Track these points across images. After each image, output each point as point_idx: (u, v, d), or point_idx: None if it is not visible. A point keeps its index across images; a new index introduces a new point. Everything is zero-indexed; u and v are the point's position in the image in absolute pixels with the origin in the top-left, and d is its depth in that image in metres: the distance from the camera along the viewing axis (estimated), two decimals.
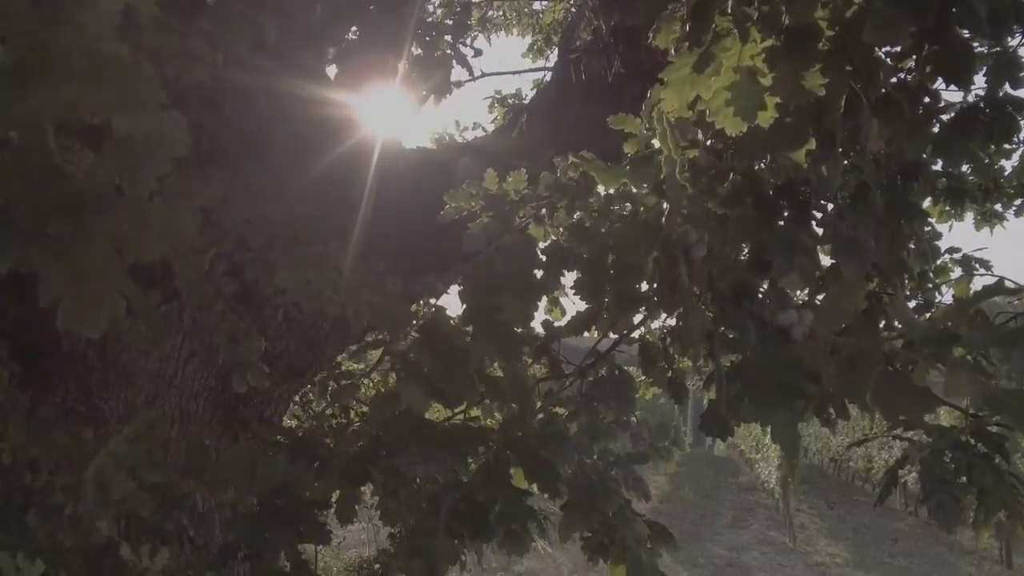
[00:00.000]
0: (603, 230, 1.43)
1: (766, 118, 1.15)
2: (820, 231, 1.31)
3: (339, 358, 4.07)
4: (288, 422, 4.64)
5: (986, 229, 4.04)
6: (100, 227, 0.68)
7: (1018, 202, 3.55)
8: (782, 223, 1.24)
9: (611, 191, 1.48)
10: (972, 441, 1.53)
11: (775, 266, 1.19)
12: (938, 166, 2.76)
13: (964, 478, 1.50)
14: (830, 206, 1.54)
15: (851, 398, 1.15)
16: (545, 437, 1.44)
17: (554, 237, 1.58)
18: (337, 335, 3.63)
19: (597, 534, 1.78)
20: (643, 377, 2.61)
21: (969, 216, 3.92)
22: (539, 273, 1.56)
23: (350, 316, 2.80)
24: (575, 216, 1.54)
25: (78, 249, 0.70)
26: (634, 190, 1.43)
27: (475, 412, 1.93)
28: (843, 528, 14.34)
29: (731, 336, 1.21)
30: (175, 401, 3.35)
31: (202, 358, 3.33)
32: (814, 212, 1.24)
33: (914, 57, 1.34)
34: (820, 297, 1.39)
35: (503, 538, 1.39)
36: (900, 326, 1.24)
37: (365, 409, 3.05)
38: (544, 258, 1.47)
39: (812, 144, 1.18)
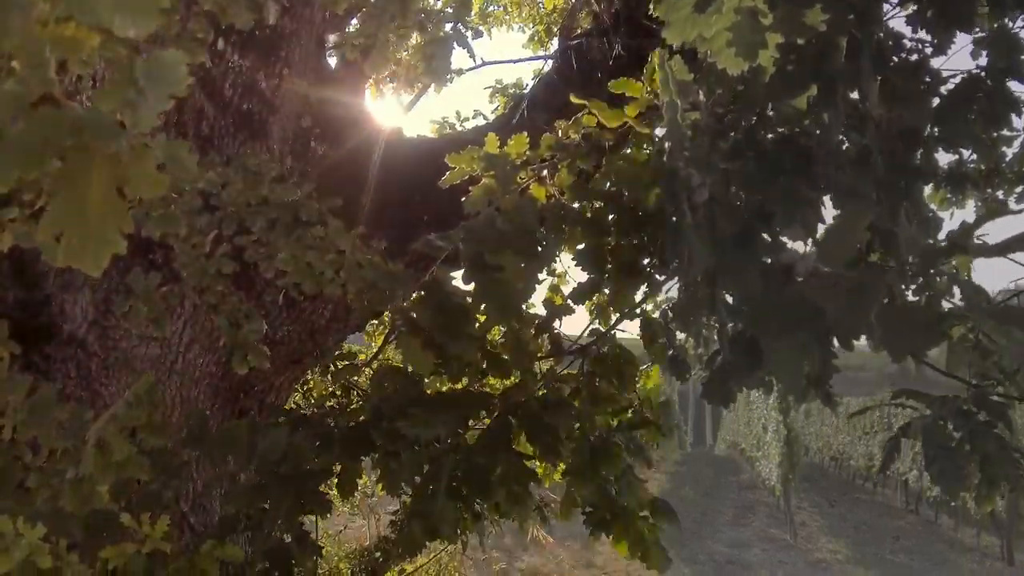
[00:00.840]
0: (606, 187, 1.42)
1: (767, 57, 1.14)
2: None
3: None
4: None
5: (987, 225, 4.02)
6: (102, 152, 0.68)
7: (1019, 189, 3.54)
8: (783, 177, 1.24)
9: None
10: (974, 409, 1.53)
11: (777, 218, 1.18)
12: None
13: (967, 447, 1.49)
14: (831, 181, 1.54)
15: (855, 330, 1.14)
16: (547, 403, 1.43)
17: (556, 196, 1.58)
18: (338, 323, 3.63)
19: (599, 509, 1.78)
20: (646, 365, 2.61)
21: (970, 204, 3.91)
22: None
23: (351, 297, 2.80)
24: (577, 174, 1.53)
25: (80, 179, 0.70)
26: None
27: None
28: (844, 526, 14.32)
29: (734, 279, 1.21)
30: (175, 388, 3.35)
31: (203, 345, 3.32)
32: (815, 168, 1.23)
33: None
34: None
35: (504, 498, 1.38)
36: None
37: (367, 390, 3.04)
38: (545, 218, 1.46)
39: (813, 90, 1.18)
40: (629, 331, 2.24)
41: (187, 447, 1.53)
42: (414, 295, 1.52)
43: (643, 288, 1.97)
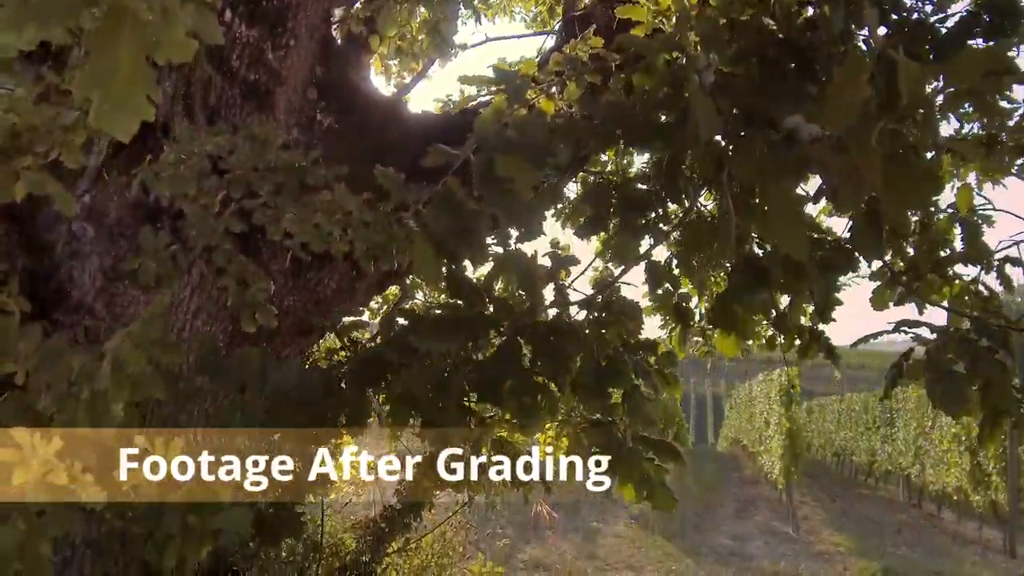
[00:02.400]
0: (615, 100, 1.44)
1: None
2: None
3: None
4: None
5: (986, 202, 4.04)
6: (135, 14, 0.70)
7: (1021, 161, 3.55)
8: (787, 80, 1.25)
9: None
10: (976, 337, 1.54)
11: (780, 109, 1.19)
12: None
13: (969, 371, 1.51)
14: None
15: (859, 187, 1.14)
16: (556, 328, 1.46)
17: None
18: (344, 294, 3.65)
19: (605, 448, 1.80)
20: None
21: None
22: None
23: (358, 254, 2.82)
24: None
25: (111, 43, 0.72)
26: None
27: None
28: (846, 520, 14.33)
29: (741, 147, 1.22)
30: (183, 356, 3.37)
31: (210, 313, 3.34)
32: (816, 67, 1.25)
33: None
34: None
35: (515, 409, 1.40)
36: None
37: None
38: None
39: None
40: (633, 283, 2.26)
41: (201, 374, 1.55)
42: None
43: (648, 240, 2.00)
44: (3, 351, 2.01)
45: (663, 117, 1.36)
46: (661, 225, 1.96)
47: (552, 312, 2.18)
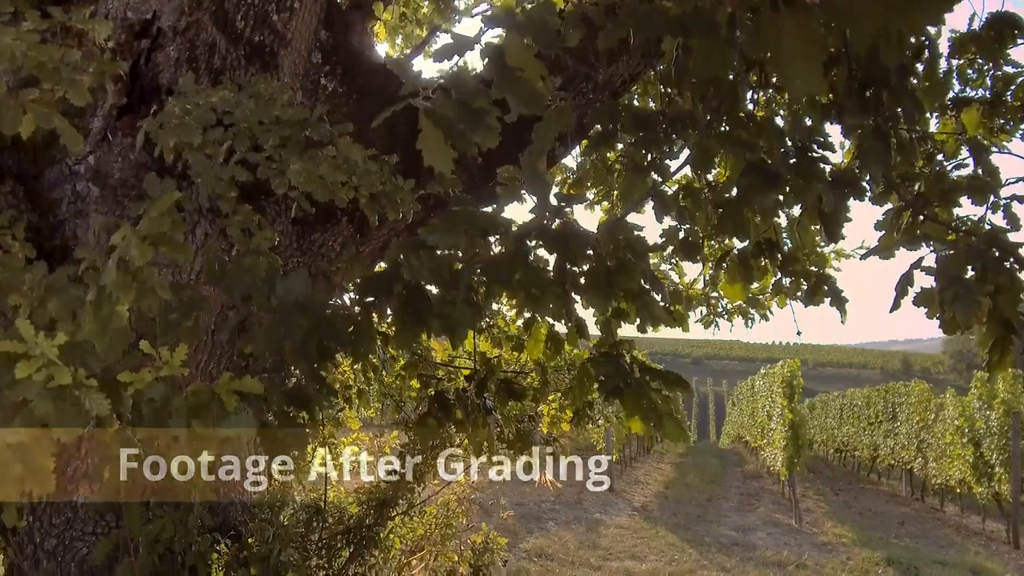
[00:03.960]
0: None
1: None
2: None
3: None
4: None
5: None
6: None
7: None
8: None
9: None
10: (987, 248, 1.53)
11: None
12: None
13: (980, 278, 1.50)
14: None
15: (872, 17, 1.11)
16: (565, 228, 1.45)
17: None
18: (347, 257, 3.64)
19: (612, 377, 1.80)
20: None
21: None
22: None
23: (363, 203, 2.81)
24: None
25: None
26: None
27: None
28: (849, 512, 14.30)
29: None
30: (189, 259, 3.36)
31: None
32: None
33: None
34: None
35: (524, 300, 1.40)
36: None
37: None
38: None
39: None
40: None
41: (208, 283, 1.54)
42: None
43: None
44: (9, 284, 2.01)
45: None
46: (667, 159, 1.96)
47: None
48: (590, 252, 1.45)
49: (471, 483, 4.15)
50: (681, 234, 2.03)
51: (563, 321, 1.90)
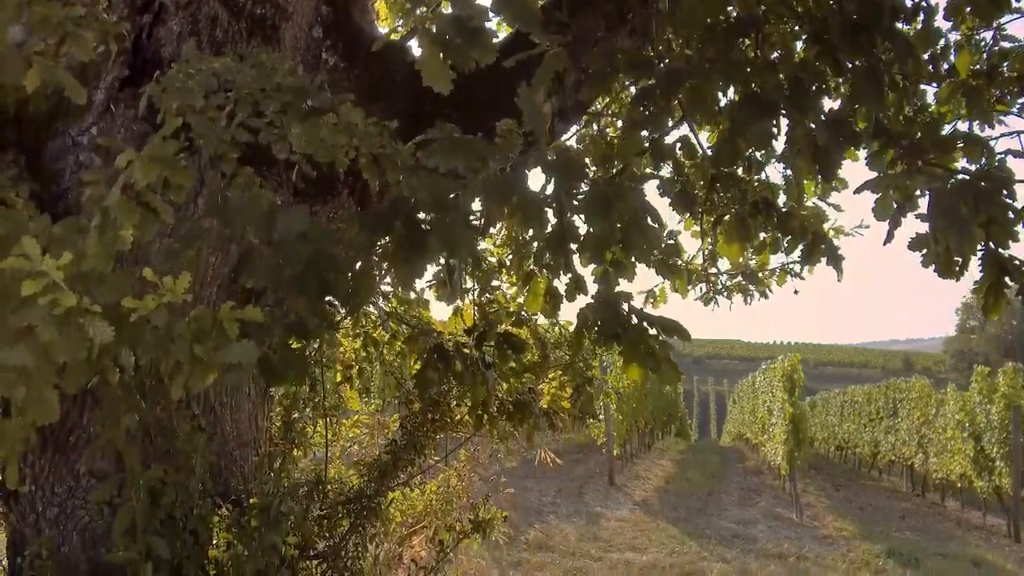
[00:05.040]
0: None
1: None
2: None
3: None
4: None
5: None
6: None
7: (1022, 101, 3.55)
8: None
9: None
10: (978, 181, 1.55)
11: None
12: None
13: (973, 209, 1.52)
14: None
15: None
16: (561, 153, 1.47)
17: None
18: (348, 216, 3.65)
19: (610, 323, 1.81)
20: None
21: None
22: None
23: (363, 163, 2.84)
24: None
25: None
26: None
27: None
28: (850, 507, 14.29)
29: None
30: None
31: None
32: None
33: None
34: None
35: (520, 218, 1.42)
36: None
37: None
38: None
39: None
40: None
41: (209, 214, 1.56)
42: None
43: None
44: (14, 237, 2.03)
45: None
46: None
47: None
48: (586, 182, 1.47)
49: (471, 458, 4.16)
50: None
51: (562, 272, 1.91)
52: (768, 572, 9.04)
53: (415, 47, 4.04)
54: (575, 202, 1.45)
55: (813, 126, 1.60)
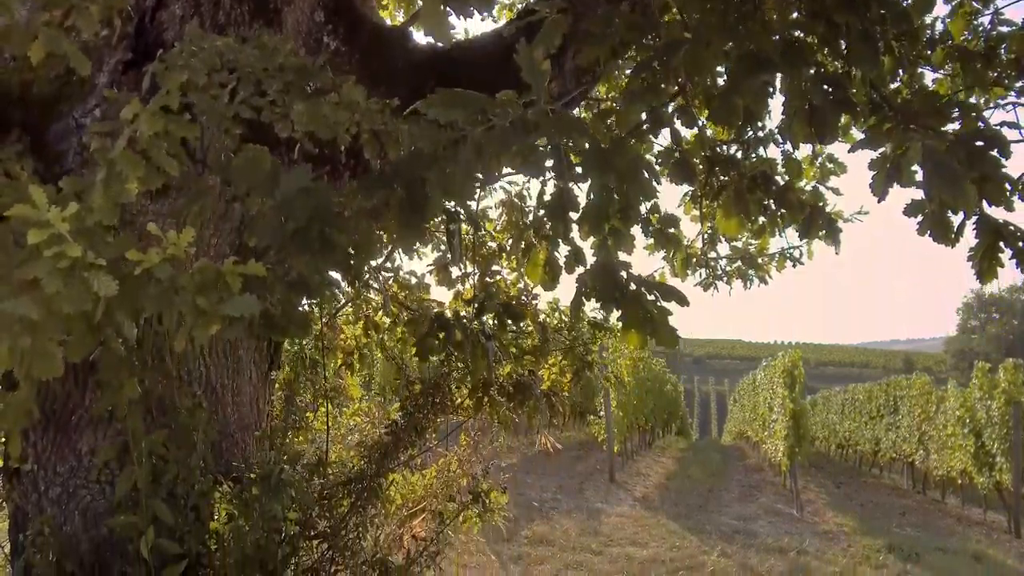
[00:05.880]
0: None
1: None
2: None
3: None
4: None
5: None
6: None
7: (1020, 84, 3.56)
8: None
9: None
10: (971, 139, 1.56)
11: None
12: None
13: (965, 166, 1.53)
14: None
15: None
16: (560, 113, 1.48)
17: None
18: (349, 190, 3.68)
19: (608, 288, 1.83)
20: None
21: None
22: None
23: (364, 139, 2.86)
24: None
25: None
26: None
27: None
28: (850, 504, 14.30)
29: None
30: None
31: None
32: None
33: None
34: None
35: (521, 164, 1.43)
36: None
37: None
38: None
39: None
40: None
41: (212, 173, 1.58)
42: None
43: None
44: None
45: None
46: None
47: None
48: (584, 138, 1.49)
49: (471, 442, 4.17)
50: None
51: (560, 240, 1.93)
52: (768, 566, 9.04)
53: (415, 34, 4.07)
54: (572, 157, 1.47)
55: (808, 85, 1.63)
